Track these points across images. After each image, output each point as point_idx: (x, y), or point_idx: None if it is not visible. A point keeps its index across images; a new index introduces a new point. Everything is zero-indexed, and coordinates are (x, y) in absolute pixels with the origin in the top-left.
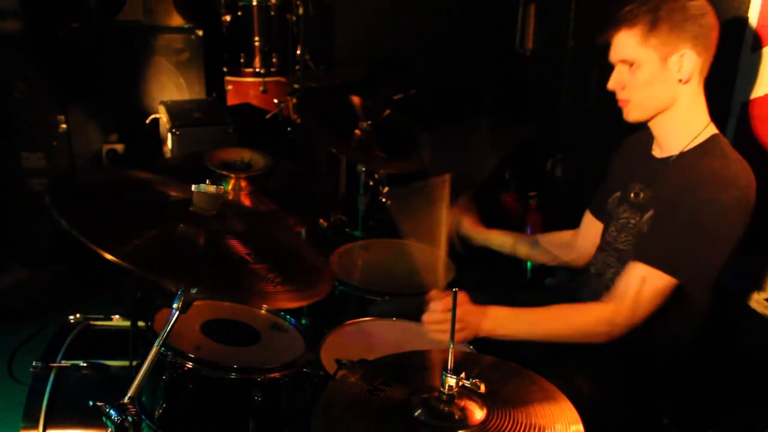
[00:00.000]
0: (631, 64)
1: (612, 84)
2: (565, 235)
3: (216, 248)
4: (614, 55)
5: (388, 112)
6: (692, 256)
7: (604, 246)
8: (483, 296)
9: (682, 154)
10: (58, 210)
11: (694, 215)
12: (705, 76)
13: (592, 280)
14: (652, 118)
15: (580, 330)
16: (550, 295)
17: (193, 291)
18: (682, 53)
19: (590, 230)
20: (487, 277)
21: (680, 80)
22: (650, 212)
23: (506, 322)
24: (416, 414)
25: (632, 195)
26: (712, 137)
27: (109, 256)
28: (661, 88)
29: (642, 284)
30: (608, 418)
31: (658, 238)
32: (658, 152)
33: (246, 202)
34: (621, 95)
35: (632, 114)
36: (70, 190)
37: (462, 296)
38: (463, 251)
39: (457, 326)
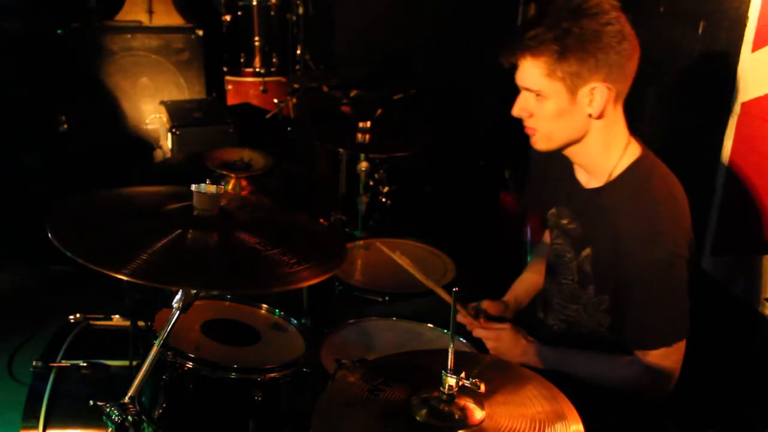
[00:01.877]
0: (538, 94)
1: (517, 111)
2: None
3: (226, 246)
4: (519, 81)
5: (379, 111)
6: (681, 312)
7: (548, 268)
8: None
9: (605, 186)
10: (62, 244)
11: (645, 282)
12: (623, 98)
13: (551, 300)
14: (563, 148)
15: (620, 384)
16: None
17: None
18: (592, 87)
19: None
20: (487, 277)
21: (590, 115)
22: (587, 250)
23: (550, 363)
24: (416, 414)
25: (563, 222)
26: (636, 161)
27: (121, 276)
28: (570, 122)
29: (665, 361)
30: (608, 418)
31: (647, 324)
32: (582, 177)
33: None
34: (528, 123)
35: (539, 144)
36: (69, 216)
37: (512, 332)
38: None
39: (501, 349)
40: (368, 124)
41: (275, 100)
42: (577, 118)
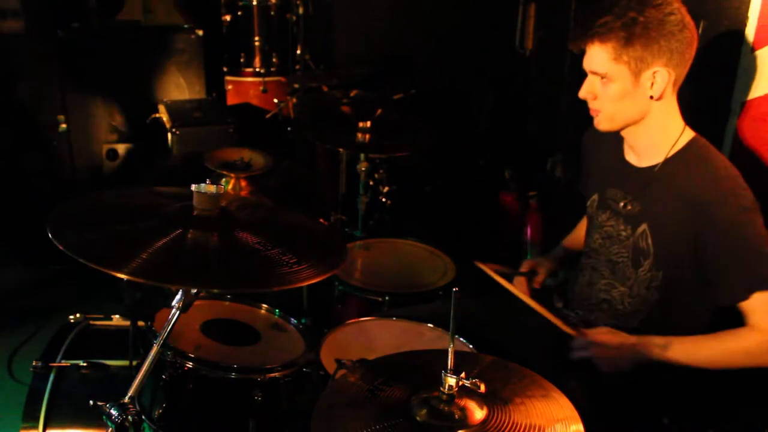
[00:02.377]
0: (603, 77)
1: (583, 93)
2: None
3: (226, 246)
4: (586, 65)
5: (379, 111)
6: None
7: (590, 253)
8: (483, 297)
9: (666, 162)
10: (62, 244)
11: (737, 232)
12: (679, 86)
13: (583, 289)
14: (623, 128)
15: (746, 364)
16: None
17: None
18: (655, 70)
19: None
20: (487, 277)
21: (652, 97)
22: (643, 226)
23: (663, 351)
24: (416, 414)
25: (620, 205)
26: (693, 140)
27: (120, 275)
28: (632, 103)
29: None
30: (608, 418)
31: (742, 269)
32: (634, 159)
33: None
34: (592, 105)
35: (602, 124)
36: (69, 216)
37: (606, 331)
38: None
39: (602, 360)
40: (368, 124)
41: (275, 100)
42: (639, 99)
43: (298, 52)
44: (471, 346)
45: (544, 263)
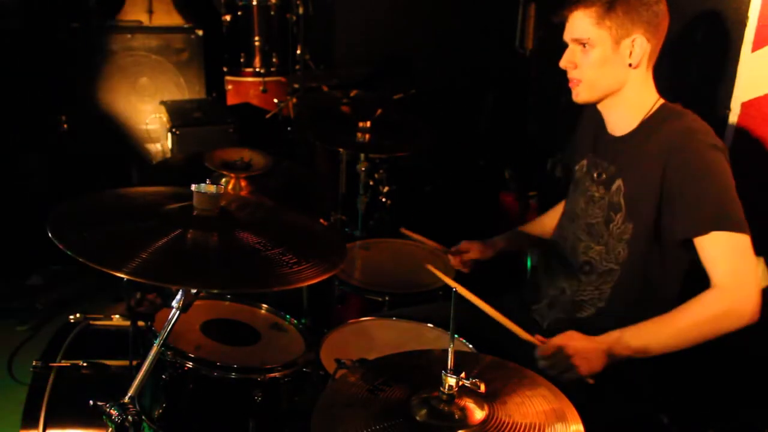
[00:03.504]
0: (584, 45)
1: (564, 62)
2: (555, 211)
3: (226, 246)
4: (568, 34)
5: (379, 111)
6: (733, 200)
7: (572, 216)
8: (483, 297)
9: (640, 126)
10: (62, 244)
11: (706, 167)
12: (654, 62)
13: (567, 254)
14: (601, 100)
15: (712, 332)
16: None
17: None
18: (633, 38)
19: None
20: (486, 277)
21: (630, 65)
22: (618, 182)
23: (635, 344)
24: (416, 414)
25: (595, 174)
26: (663, 105)
27: (121, 275)
28: (612, 70)
29: (734, 255)
30: (608, 418)
31: (704, 205)
32: (613, 128)
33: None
34: (572, 74)
35: (582, 95)
36: (69, 216)
37: (574, 333)
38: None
39: (578, 362)
40: (368, 124)
41: (275, 100)
42: (618, 67)
43: (298, 52)
44: (471, 346)
45: (476, 246)
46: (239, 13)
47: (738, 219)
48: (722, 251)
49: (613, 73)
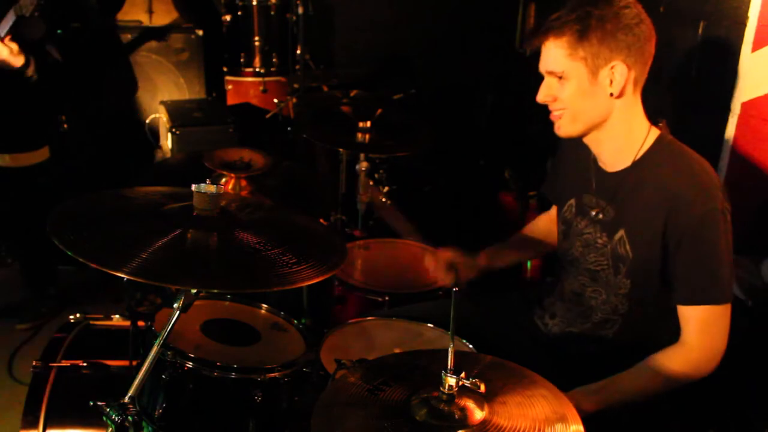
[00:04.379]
0: (560, 77)
1: (541, 97)
2: (543, 220)
3: (226, 246)
4: (542, 66)
5: (379, 111)
6: (728, 272)
7: (571, 260)
8: (483, 297)
9: (635, 164)
10: (62, 243)
11: (700, 235)
12: (641, 87)
13: (571, 298)
14: (585, 133)
15: (671, 386)
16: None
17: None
18: (612, 65)
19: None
20: (485, 278)
21: (612, 94)
22: (621, 232)
23: (595, 397)
24: (416, 414)
25: (593, 213)
26: (658, 139)
27: (121, 275)
28: (592, 102)
29: (707, 326)
30: (609, 418)
31: (693, 275)
32: (605, 164)
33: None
34: (553, 107)
35: (563, 128)
36: (69, 216)
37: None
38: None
39: None
40: (368, 124)
41: (275, 100)
42: (599, 98)
43: (298, 52)
44: (471, 346)
45: (470, 265)
46: (239, 13)
47: (724, 292)
48: (700, 318)
49: (594, 105)
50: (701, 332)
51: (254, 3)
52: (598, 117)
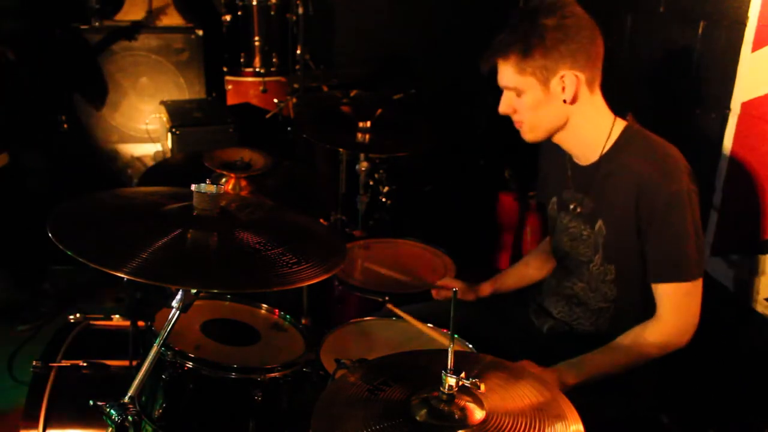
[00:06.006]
0: (516, 91)
1: (502, 109)
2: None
3: (226, 246)
4: (499, 82)
5: (379, 111)
6: (699, 246)
7: (563, 256)
8: (480, 302)
9: (604, 156)
10: (62, 244)
11: (668, 216)
12: (598, 85)
13: (567, 293)
14: (549, 137)
15: (647, 358)
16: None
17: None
18: (561, 75)
19: None
20: (486, 277)
21: (565, 101)
22: (599, 222)
23: (577, 374)
24: (416, 414)
25: (572, 207)
26: (625, 129)
27: (121, 275)
28: (549, 110)
29: (678, 301)
30: (608, 418)
31: (662, 254)
32: (579, 160)
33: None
34: (514, 118)
35: (528, 135)
36: (69, 216)
37: (530, 363)
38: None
39: None
40: (368, 124)
41: (275, 100)
42: (554, 106)
43: (298, 52)
44: (471, 346)
45: (460, 286)
46: (239, 13)
47: (693, 268)
48: (672, 294)
49: (550, 113)
50: (673, 308)
51: (254, 3)
52: (558, 121)
